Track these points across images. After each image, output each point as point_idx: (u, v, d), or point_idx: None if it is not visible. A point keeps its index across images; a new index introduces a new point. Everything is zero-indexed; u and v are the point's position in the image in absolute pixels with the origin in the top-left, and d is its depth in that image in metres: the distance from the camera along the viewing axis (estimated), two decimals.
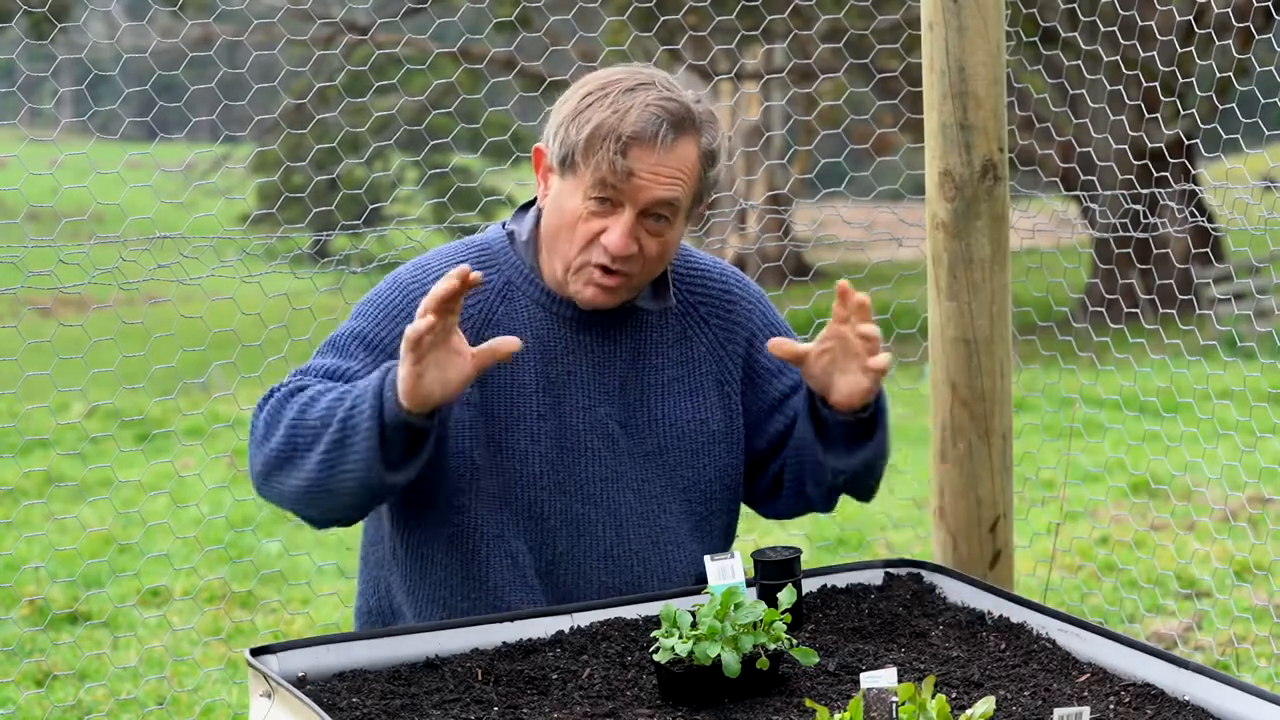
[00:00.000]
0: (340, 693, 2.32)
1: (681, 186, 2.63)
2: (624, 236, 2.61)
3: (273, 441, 2.56)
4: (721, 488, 2.81)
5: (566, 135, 2.62)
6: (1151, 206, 6.09)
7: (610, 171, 2.59)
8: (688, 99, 2.64)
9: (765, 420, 2.83)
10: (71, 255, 4.39)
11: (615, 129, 2.58)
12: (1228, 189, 5.19)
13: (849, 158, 6.14)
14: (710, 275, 2.85)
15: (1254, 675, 5.08)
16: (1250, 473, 6.49)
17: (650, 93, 2.61)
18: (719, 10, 8.56)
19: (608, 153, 2.58)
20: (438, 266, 2.73)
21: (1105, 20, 7.85)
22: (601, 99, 2.61)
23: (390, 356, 2.62)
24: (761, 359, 2.83)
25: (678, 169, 2.62)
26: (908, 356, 8.86)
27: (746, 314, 2.85)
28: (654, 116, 2.59)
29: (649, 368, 2.76)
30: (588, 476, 2.71)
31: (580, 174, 2.62)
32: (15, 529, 6.40)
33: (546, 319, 2.72)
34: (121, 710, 4.99)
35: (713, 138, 2.66)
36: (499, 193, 13.04)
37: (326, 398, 2.53)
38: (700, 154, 2.64)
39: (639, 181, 2.60)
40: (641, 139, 2.58)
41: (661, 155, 2.60)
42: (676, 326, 2.79)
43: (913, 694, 2.01)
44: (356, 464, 2.48)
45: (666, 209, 2.63)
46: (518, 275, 2.73)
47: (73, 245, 4.50)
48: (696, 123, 2.64)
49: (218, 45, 6.28)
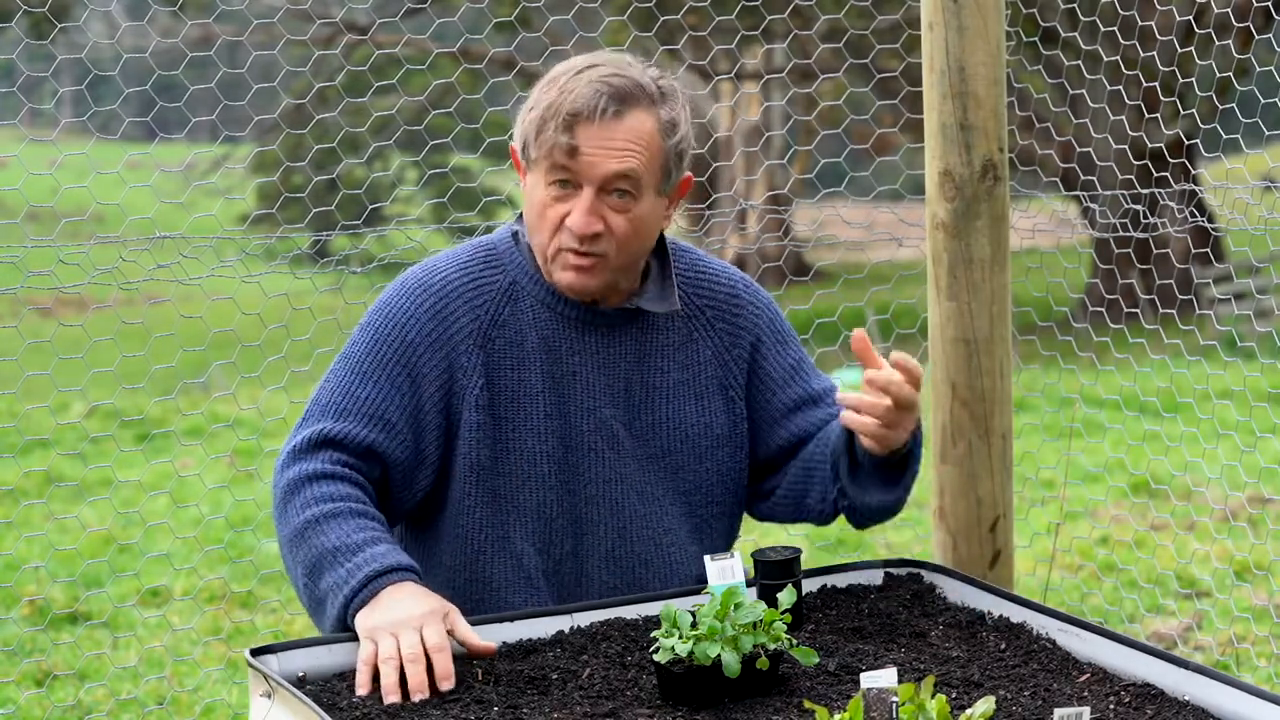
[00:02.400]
0: (340, 693, 2.33)
1: (636, 158, 2.60)
2: (584, 214, 2.60)
3: (283, 527, 2.60)
4: (723, 491, 2.80)
5: (524, 126, 2.64)
6: (1151, 206, 6.09)
7: (557, 150, 2.58)
8: (637, 73, 2.62)
9: (769, 430, 2.82)
10: (71, 255, 4.39)
11: (559, 108, 2.58)
12: (1228, 189, 5.19)
13: (849, 158, 6.14)
14: (717, 279, 2.84)
15: (1254, 675, 5.08)
16: (1250, 473, 6.49)
17: (596, 70, 2.61)
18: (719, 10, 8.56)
19: (553, 132, 2.57)
20: (446, 268, 2.73)
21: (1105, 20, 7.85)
22: (551, 85, 2.62)
23: (404, 366, 2.65)
24: (767, 366, 2.82)
25: (628, 141, 2.59)
26: None
27: (753, 319, 2.83)
28: (595, 91, 2.57)
29: (654, 370, 2.76)
30: (592, 477, 2.71)
31: (537, 161, 2.62)
32: (15, 529, 6.41)
33: (552, 319, 2.71)
34: (121, 710, 4.99)
35: (671, 109, 2.63)
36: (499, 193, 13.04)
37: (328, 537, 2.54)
38: (659, 125, 2.61)
39: (587, 157, 2.58)
40: (582, 114, 2.57)
41: (607, 128, 2.58)
42: (682, 330, 2.79)
43: (913, 694, 2.01)
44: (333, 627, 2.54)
45: (625, 182, 2.60)
46: (523, 276, 2.73)
47: (73, 245, 4.50)
48: (648, 94, 2.61)
49: (218, 45, 6.28)
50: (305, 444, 2.63)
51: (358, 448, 2.63)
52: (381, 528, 2.57)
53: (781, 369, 2.82)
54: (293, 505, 2.58)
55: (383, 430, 2.63)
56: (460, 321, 2.68)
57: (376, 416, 2.64)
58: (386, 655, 2.36)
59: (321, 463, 2.61)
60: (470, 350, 2.67)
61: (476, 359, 2.67)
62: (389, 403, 2.65)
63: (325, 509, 2.56)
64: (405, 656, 2.35)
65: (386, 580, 2.48)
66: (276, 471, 2.65)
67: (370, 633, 2.41)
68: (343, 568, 2.50)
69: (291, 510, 2.58)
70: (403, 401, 2.65)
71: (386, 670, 2.35)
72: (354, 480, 2.62)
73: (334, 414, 2.65)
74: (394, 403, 2.65)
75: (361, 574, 2.48)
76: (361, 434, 2.63)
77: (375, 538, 2.53)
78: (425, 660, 2.36)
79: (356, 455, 2.63)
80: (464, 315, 2.69)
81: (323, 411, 2.66)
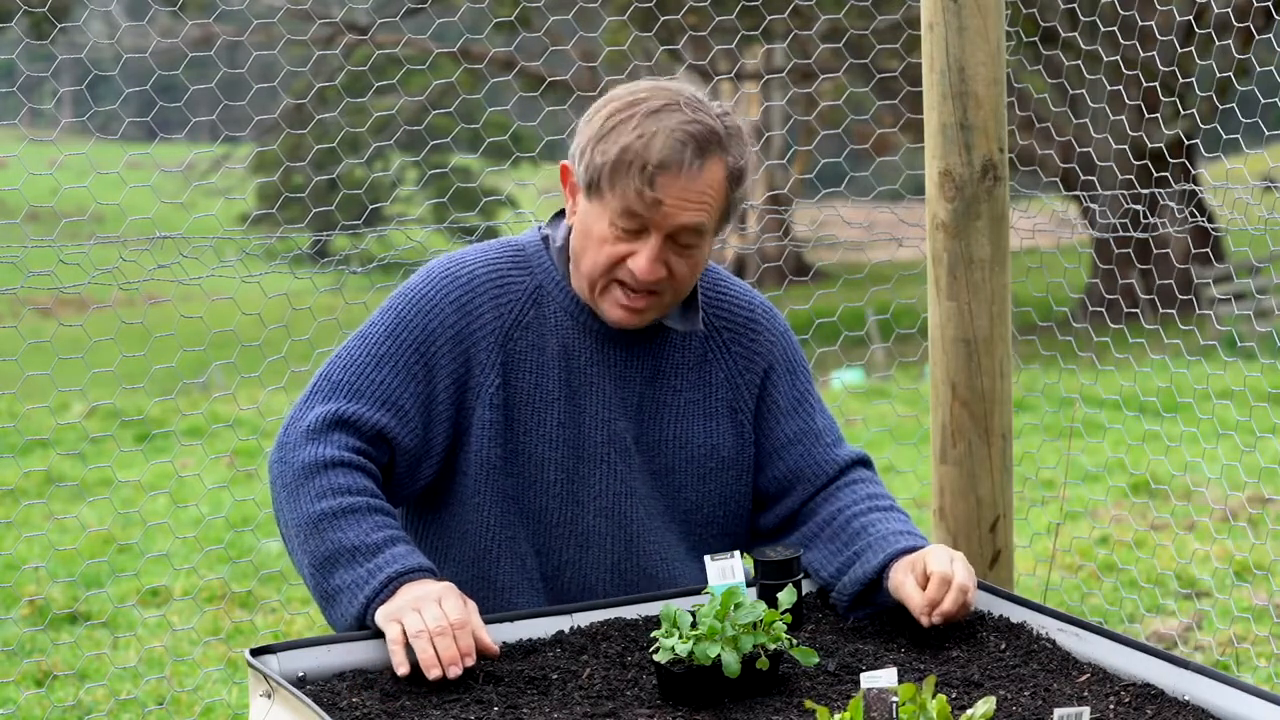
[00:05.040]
0: (340, 693, 2.33)
1: (709, 210, 2.59)
2: (652, 262, 2.59)
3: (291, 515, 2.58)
4: (725, 514, 2.79)
5: (591, 159, 2.58)
6: (1151, 206, 6.08)
7: (637, 200, 2.55)
8: (713, 118, 2.59)
9: (769, 460, 2.81)
10: (71, 255, 4.39)
11: (641, 157, 2.54)
12: (1228, 189, 5.19)
13: (849, 158, 6.14)
14: (738, 302, 2.83)
15: (1254, 675, 5.08)
16: (1250, 473, 6.48)
17: (675, 115, 2.56)
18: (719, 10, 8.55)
19: (634, 181, 2.54)
20: (474, 262, 2.72)
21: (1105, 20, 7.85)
22: (626, 121, 2.56)
23: (420, 353, 2.64)
24: (775, 394, 2.81)
25: (704, 193, 2.58)
26: (908, 356, 8.86)
27: (769, 346, 2.82)
28: (679, 144, 2.54)
29: (667, 388, 2.75)
30: (601, 489, 2.71)
31: (606, 199, 2.58)
32: (15, 529, 6.41)
33: (574, 328, 2.71)
34: (121, 710, 4.99)
35: (740, 154, 2.61)
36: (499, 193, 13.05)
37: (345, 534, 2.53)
38: (727, 174, 2.60)
39: (667, 210, 2.56)
40: (668, 167, 2.54)
41: (688, 182, 2.56)
42: (698, 349, 2.78)
43: (913, 694, 2.01)
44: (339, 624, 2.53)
45: (693, 234, 2.60)
46: (549, 281, 2.72)
47: (73, 245, 4.49)
48: (723, 142, 2.59)
49: (218, 45, 6.27)
50: (319, 423, 2.61)
51: (369, 431, 2.61)
52: (397, 525, 2.57)
53: (789, 400, 2.82)
54: (305, 491, 2.56)
55: (394, 415, 2.62)
56: (484, 317, 2.68)
57: (389, 401, 2.63)
58: (415, 630, 2.37)
59: (336, 448, 2.59)
60: (490, 347, 2.67)
61: (495, 357, 2.66)
62: (403, 389, 2.63)
63: (342, 503, 2.55)
64: (432, 630, 2.36)
65: (405, 579, 2.48)
66: (284, 447, 2.61)
67: (392, 615, 2.41)
68: (362, 567, 2.49)
69: (305, 497, 2.56)
70: (416, 389, 2.64)
71: (421, 645, 2.36)
72: (368, 470, 2.60)
73: (346, 393, 2.63)
74: (408, 389, 2.64)
75: (383, 574, 2.48)
76: (374, 417, 2.61)
77: (393, 537, 2.53)
78: (452, 633, 2.36)
79: (368, 440, 2.62)
80: (488, 311, 2.68)
81: (334, 388, 2.64)
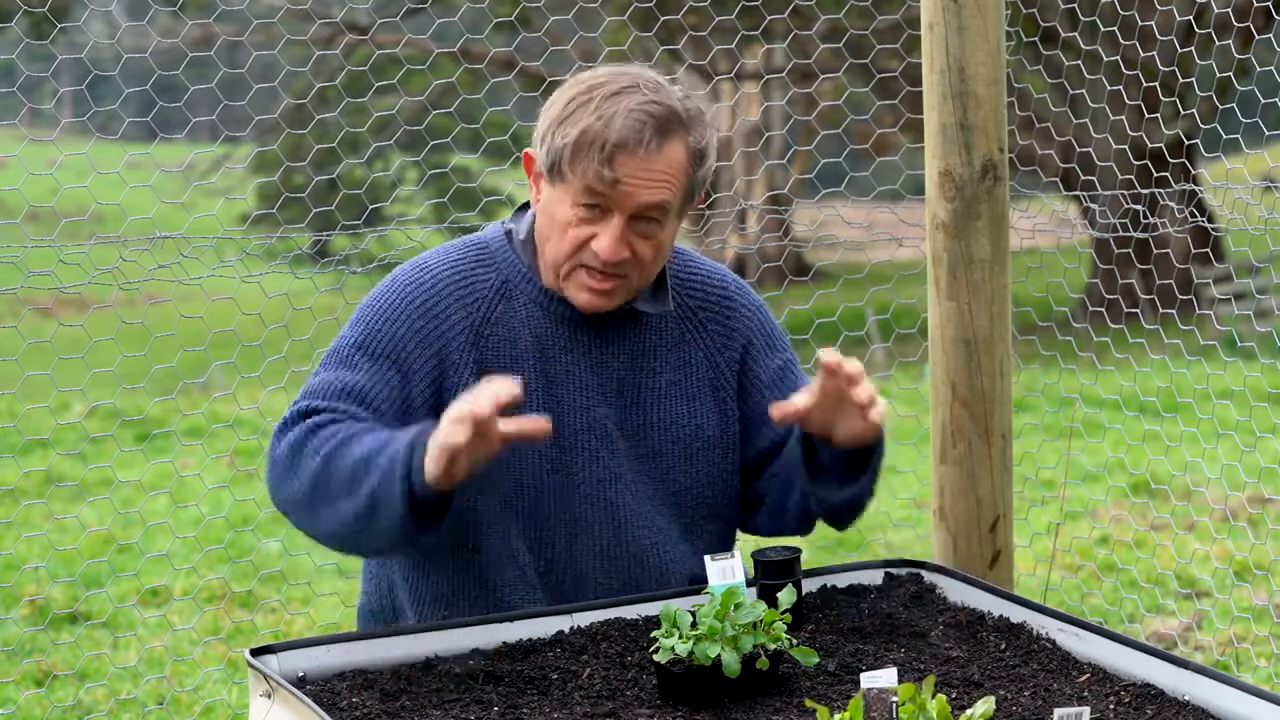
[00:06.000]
0: (340, 693, 2.32)
1: (670, 189, 2.61)
2: (615, 243, 2.61)
3: (298, 483, 2.55)
4: (714, 494, 2.80)
5: (553, 143, 2.61)
6: (1151, 206, 6.09)
7: (597, 180, 2.57)
8: (674, 99, 2.62)
9: (755, 432, 2.82)
10: (71, 255, 4.39)
11: (600, 136, 2.56)
12: (1228, 189, 5.19)
13: (849, 158, 6.14)
14: (710, 281, 2.84)
15: (1254, 675, 5.08)
16: (1250, 473, 6.49)
17: (634, 96, 2.59)
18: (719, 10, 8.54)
19: (593, 161, 2.56)
20: (437, 265, 2.73)
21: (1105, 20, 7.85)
22: (585, 105, 2.59)
23: (393, 360, 2.64)
24: (756, 369, 2.83)
25: (665, 171, 2.60)
26: (908, 356, 8.86)
27: (745, 322, 2.84)
28: (638, 122, 2.57)
29: (646, 370, 2.76)
30: (585, 477, 2.71)
31: (568, 182, 2.61)
32: (15, 529, 6.41)
33: (545, 318, 2.72)
34: (121, 710, 4.99)
35: (701, 135, 2.63)
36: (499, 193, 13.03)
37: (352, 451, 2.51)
38: (689, 153, 2.62)
39: (626, 188, 2.58)
40: (626, 146, 2.56)
41: (647, 160, 2.58)
42: (675, 331, 2.79)
43: (913, 694, 2.01)
44: (387, 534, 2.49)
45: (656, 212, 2.62)
46: (516, 274, 2.73)
47: (73, 245, 4.50)
48: (683, 122, 2.61)
49: (218, 45, 6.28)
50: (293, 416, 2.61)
51: (345, 419, 2.61)
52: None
53: (769, 373, 2.83)
54: (301, 460, 2.54)
55: (370, 412, 2.62)
56: (452, 318, 2.68)
57: (365, 401, 2.62)
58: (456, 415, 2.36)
59: (314, 419, 2.59)
60: (462, 347, 2.67)
61: (469, 355, 2.67)
62: (376, 391, 2.63)
63: (336, 440, 2.53)
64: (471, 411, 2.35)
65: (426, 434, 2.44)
66: (271, 452, 2.61)
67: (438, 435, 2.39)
68: (384, 455, 2.46)
69: (303, 464, 2.54)
70: (390, 394, 2.63)
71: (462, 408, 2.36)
72: (352, 415, 2.59)
73: (320, 397, 2.63)
74: (381, 393, 2.63)
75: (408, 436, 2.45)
76: (350, 410, 2.61)
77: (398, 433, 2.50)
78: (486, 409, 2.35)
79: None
80: (455, 312, 2.68)
81: (309, 396, 2.65)
